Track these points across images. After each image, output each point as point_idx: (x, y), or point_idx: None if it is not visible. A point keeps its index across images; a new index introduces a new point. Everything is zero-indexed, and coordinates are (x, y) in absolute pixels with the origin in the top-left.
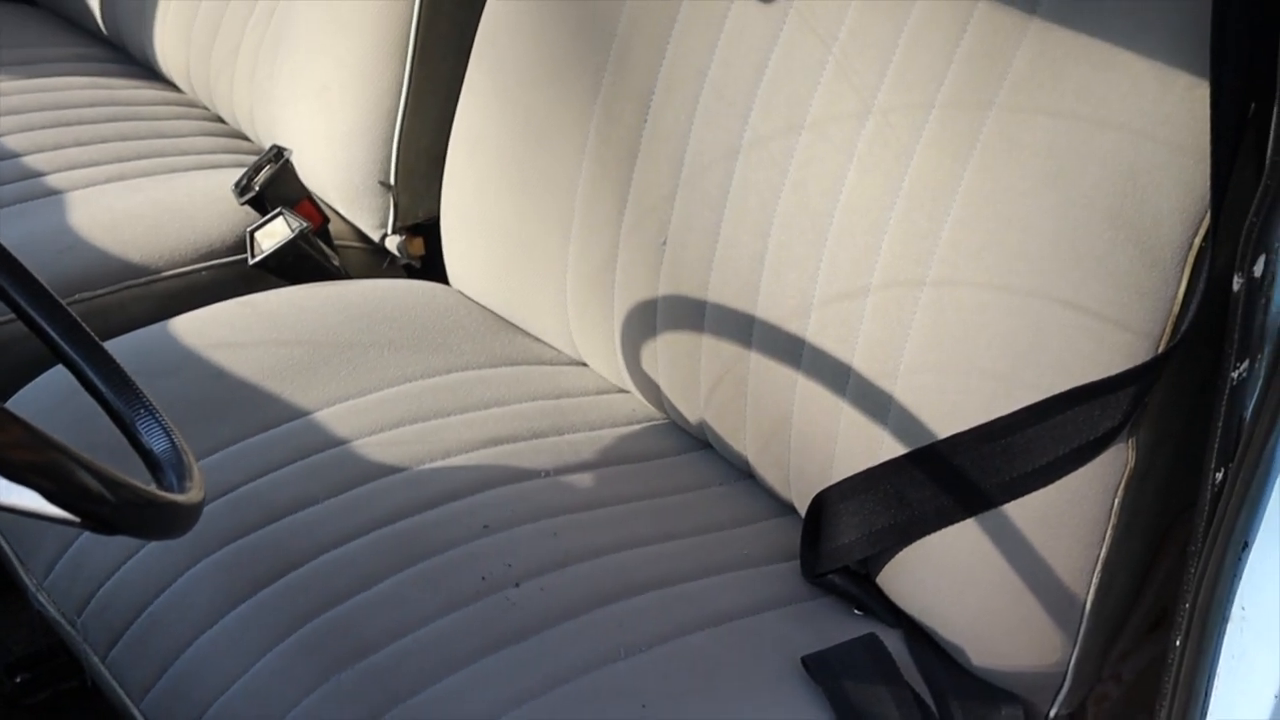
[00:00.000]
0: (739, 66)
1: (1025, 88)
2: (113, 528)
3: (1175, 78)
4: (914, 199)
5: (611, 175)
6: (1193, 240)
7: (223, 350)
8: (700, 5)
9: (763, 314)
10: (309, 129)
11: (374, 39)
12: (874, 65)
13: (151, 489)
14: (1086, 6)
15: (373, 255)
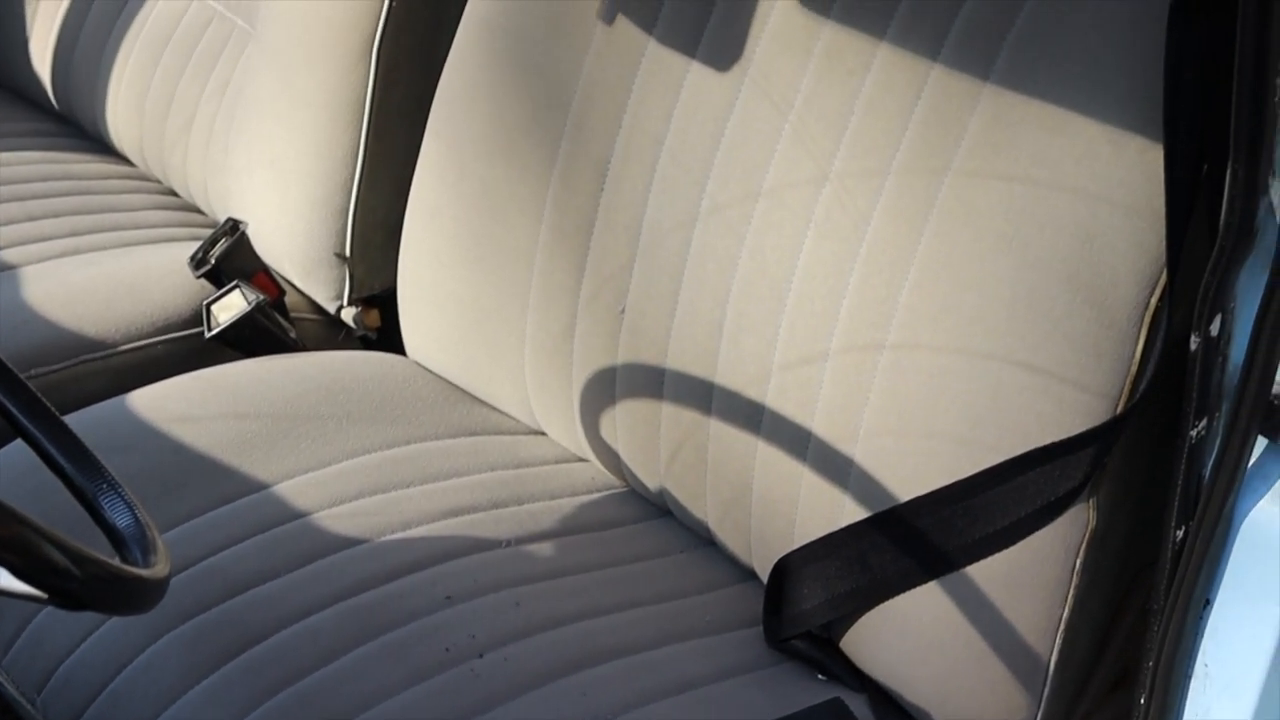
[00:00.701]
0: (696, 134)
1: (980, 153)
2: (80, 603)
3: (1128, 141)
4: (871, 264)
5: (569, 244)
6: (1149, 301)
7: (180, 424)
8: (656, 74)
9: (722, 380)
10: (264, 201)
11: (329, 111)
12: (830, 132)
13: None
14: (1039, 72)
15: (329, 327)
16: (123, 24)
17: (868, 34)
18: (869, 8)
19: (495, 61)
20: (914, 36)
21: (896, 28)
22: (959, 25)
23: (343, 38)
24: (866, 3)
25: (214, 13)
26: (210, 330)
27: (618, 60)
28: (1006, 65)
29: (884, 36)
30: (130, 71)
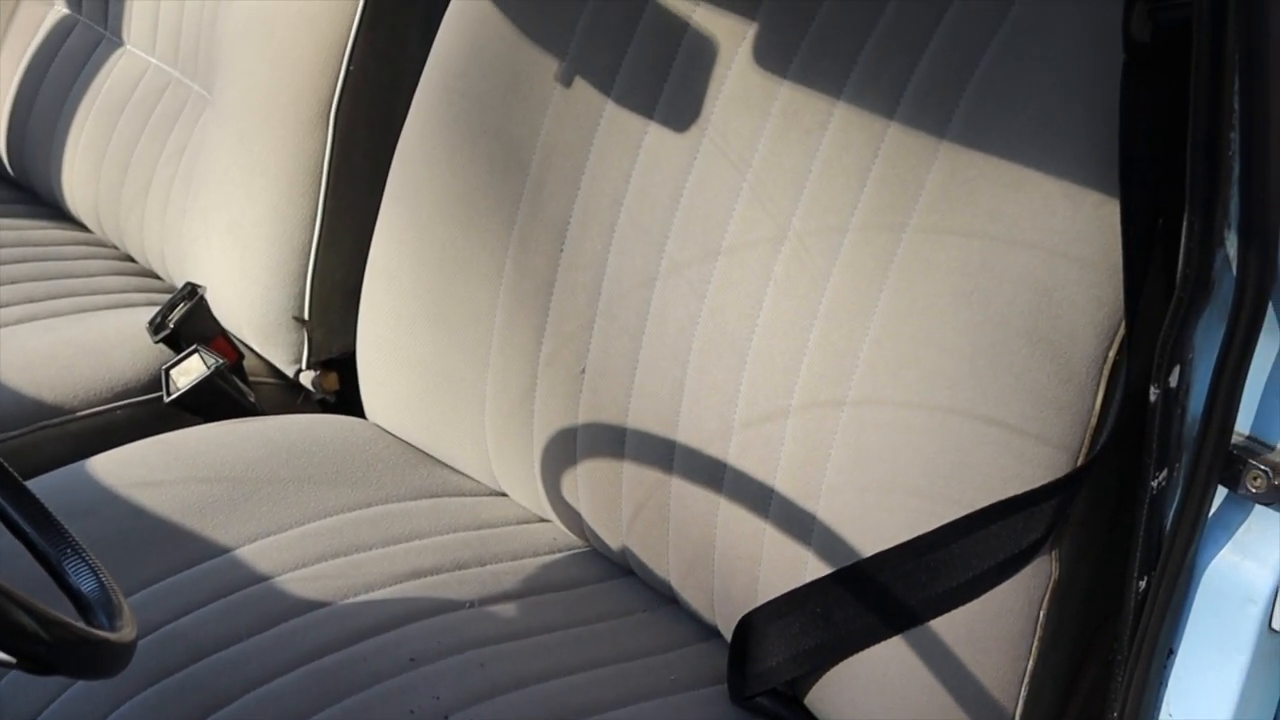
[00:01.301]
0: (654, 195)
1: (938, 209)
2: (48, 667)
3: (1085, 196)
4: (831, 321)
5: (529, 305)
6: (1108, 354)
7: (141, 489)
8: (614, 135)
9: (683, 439)
10: (222, 266)
11: (287, 175)
12: (788, 191)
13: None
14: (995, 129)
15: (287, 391)
16: (78, 90)
17: (824, 93)
18: (825, 67)
19: (453, 125)
20: (870, 95)
21: (852, 87)
22: (914, 83)
23: (300, 103)
24: (822, 62)
25: (170, 78)
26: (169, 395)
27: (576, 122)
28: (962, 122)
29: (840, 95)
30: (86, 137)
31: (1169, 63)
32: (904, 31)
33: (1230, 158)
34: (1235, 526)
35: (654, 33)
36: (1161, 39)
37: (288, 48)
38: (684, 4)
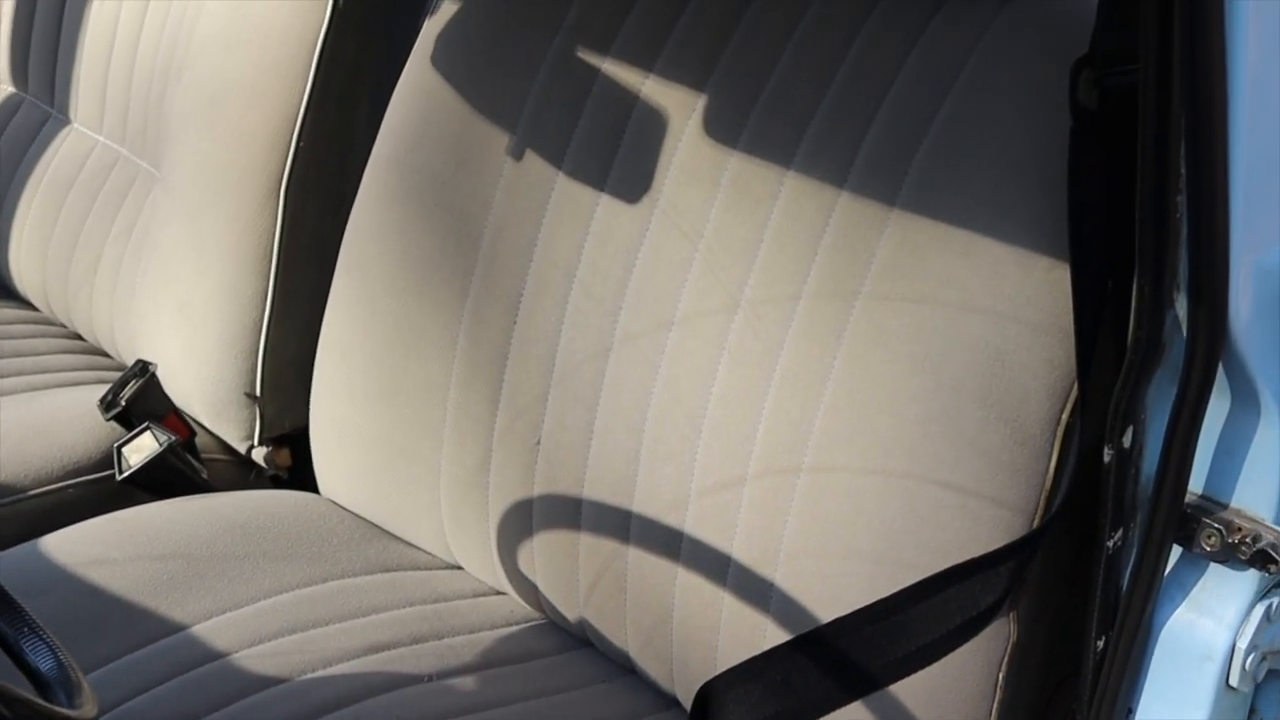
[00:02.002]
0: (607, 266)
1: (890, 276)
2: None
3: (1035, 261)
4: (786, 388)
5: (483, 378)
6: (1061, 416)
7: (96, 567)
8: (566, 207)
9: (640, 509)
10: (173, 342)
11: (237, 251)
12: (740, 260)
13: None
14: (944, 196)
15: (239, 467)
16: (25, 168)
17: (774, 163)
18: (775, 138)
19: (404, 199)
20: (820, 165)
21: (802, 157)
22: (864, 153)
23: (250, 179)
24: (772, 133)
25: (118, 156)
26: (122, 473)
27: (527, 195)
28: (912, 190)
29: (790, 165)
30: (34, 216)
31: (1115, 128)
32: (852, 101)
33: (1178, 221)
34: (1191, 585)
35: (604, 105)
36: (1108, 105)
37: (238, 124)
38: (633, 77)
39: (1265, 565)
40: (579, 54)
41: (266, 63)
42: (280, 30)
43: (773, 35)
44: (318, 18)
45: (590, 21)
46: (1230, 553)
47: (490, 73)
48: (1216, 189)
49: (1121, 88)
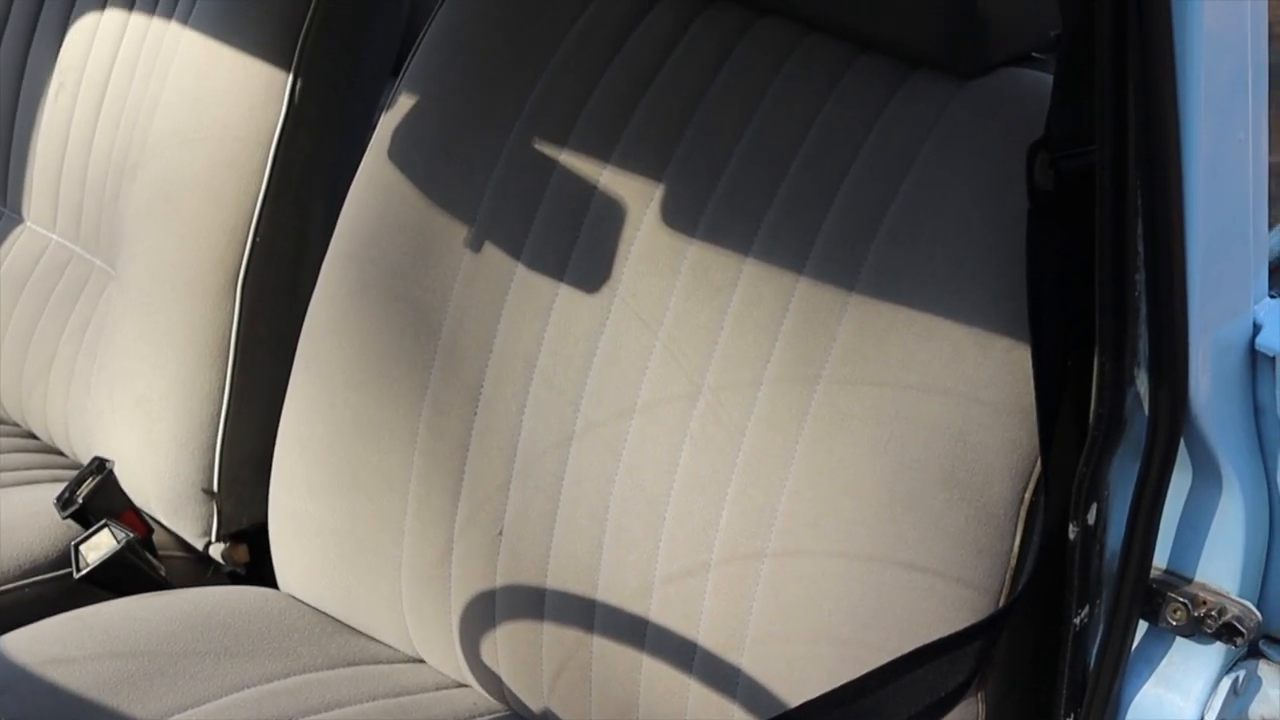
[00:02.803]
0: (567, 355)
1: (851, 360)
2: None
3: (994, 342)
4: (749, 474)
5: (443, 469)
6: (1024, 495)
7: (55, 666)
8: (525, 298)
9: (604, 597)
10: (129, 439)
11: (194, 347)
12: (701, 347)
13: None
14: (903, 279)
15: (197, 563)
16: None
17: (733, 251)
18: (733, 225)
19: (363, 293)
20: (778, 251)
21: (761, 243)
22: (822, 238)
23: (206, 275)
24: (730, 221)
25: (72, 254)
26: (79, 571)
27: (486, 286)
28: (871, 274)
29: (749, 252)
30: None
31: (1072, 208)
32: (809, 188)
33: (1137, 299)
34: (1158, 659)
35: (562, 196)
36: (1064, 186)
37: (193, 221)
38: (590, 167)
39: (1231, 638)
40: (536, 146)
41: (222, 159)
42: (236, 127)
43: (728, 124)
44: (273, 114)
45: (546, 114)
46: (1196, 626)
47: (447, 166)
48: (1174, 267)
49: (1077, 169)
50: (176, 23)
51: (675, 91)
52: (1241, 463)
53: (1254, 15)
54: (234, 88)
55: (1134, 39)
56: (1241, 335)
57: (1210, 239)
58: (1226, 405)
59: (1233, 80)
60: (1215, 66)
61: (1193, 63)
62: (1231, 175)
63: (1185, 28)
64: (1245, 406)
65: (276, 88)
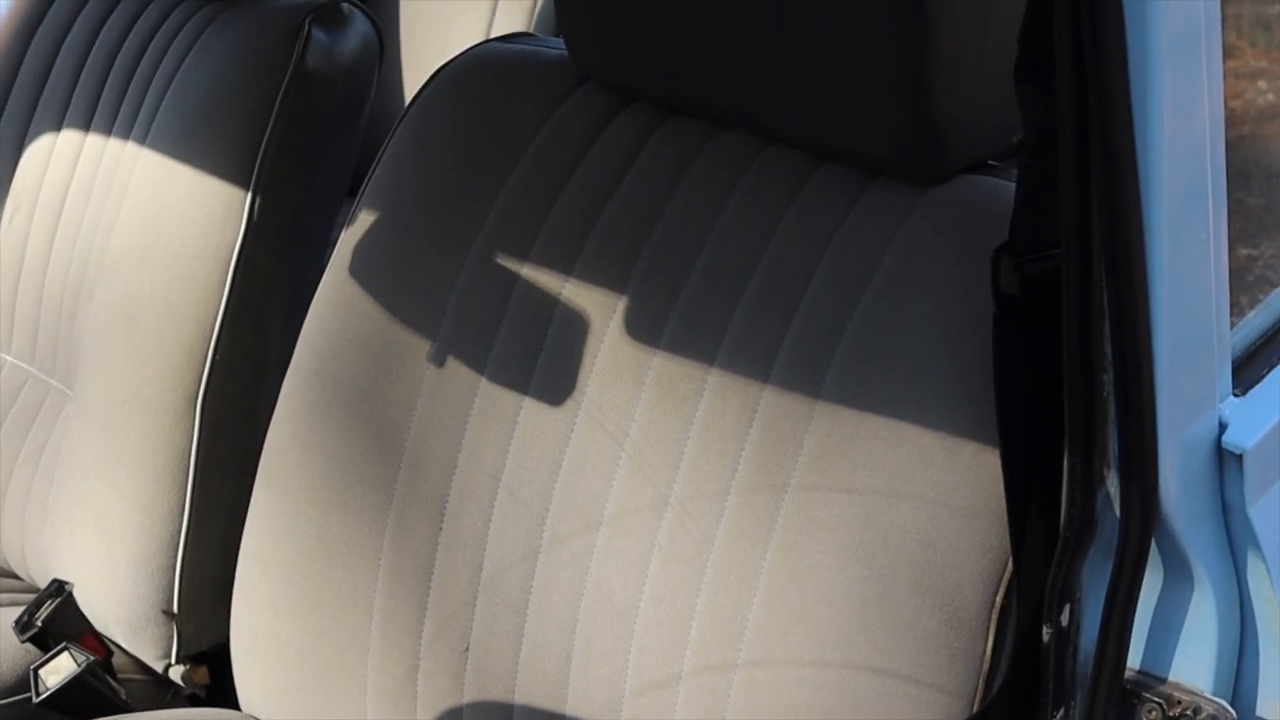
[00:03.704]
0: (533, 469)
1: (818, 467)
2: None
3: (962, 446)
4: (718, 584)
5: (409, 586)
6: (995, 599)
7: None
8: (489, 412)
9: (573, 711)
10: (88, 561)
11: (153, 467)
12: (667, 458)
13: None
14: (869, 385)
15: (157, 686)
16: None
17: (698, 361)
18: (697, 336)
19: (325, 410)
20: (743, 360)
21: (725, 353)
22: (786, 346)
23: (165, 394)
24: (694, 331)
25: (28, 375)
26: (39, 695)
27: (450, 401)
28: (836, 382)
29: (714, 362)
30: None
31: (1037, 311)
32: (772, 298)
33: (1106, 400)
34: None
35: (525, 310)
36: (1029, 289)
37: (152, 340)
38: (553, 281)
39: None
40: (497, 260)
41: (181, 277)
42: (195, 245)
43: (690, 236)
44: (232, 232)
45: (507, 229)
46: None
47: (409, 281)
48: (1143, 367)
49: (1042, 272)
50: (133, 142)
51: (636, 204)
52: (1212, 561)
53: (1213, 118)
54: (192, 206)
55: (1096, 143)
56: (1208, 434)
57: (1176, 338)
58: (1196, 504)
59: (1193, 181)
60: (1176, 168)
61: (1155, 165)
62: (1194, 274)
63: (1147, 131)
64: (1214, 505)
65: (235, 205)
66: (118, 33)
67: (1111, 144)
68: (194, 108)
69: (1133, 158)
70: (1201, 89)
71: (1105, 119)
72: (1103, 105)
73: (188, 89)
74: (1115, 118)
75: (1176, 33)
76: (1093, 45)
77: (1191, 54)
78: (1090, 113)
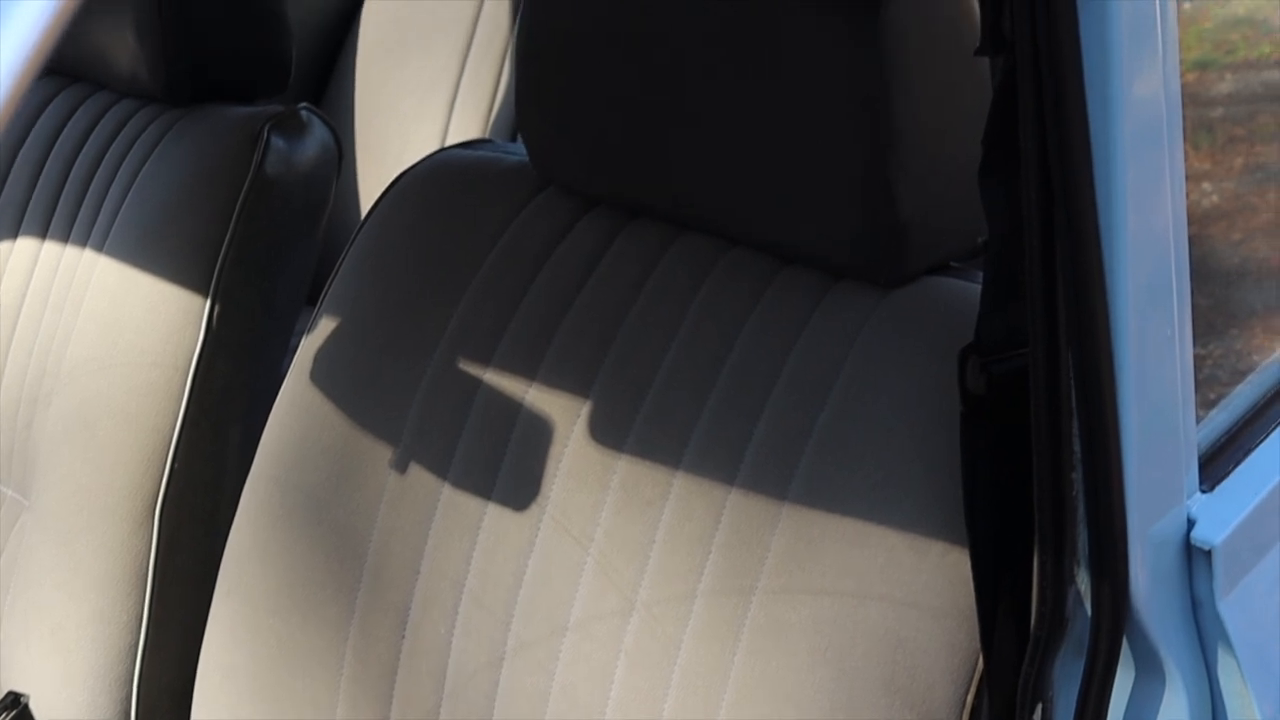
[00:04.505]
0: (497, 574)
1: (785, 570)
2: None
3: (930, 546)
4: (686, 688)
5: (371, 695)
6: (966, 699)
7: None
8: (453, 517)
9: None
10: (44, 672)
11: (111, 577)
12: (633, 563)
13: None
14: (835, 486)
15: None
16: None
17: (663, 464)
18: (662, 439)
19: (286, 517)
20: (709, 463)
21: (690, 456)
22: (752, 448)
23: (123, 503)
24: (659, 434)
25: None
26: None
27: (412, 507)
28: (803, 483)
29: (679, 466)
30: None
31: (1005, 410)
32: (737, 401)
33: (1075, 497)
34: None
35: (487, 415)
36: (996, 389)
37: (109, 448)
38: (516, 385)
39: None
40: (460, 366)
41: (139, 385)
42: (153, 353)
43: (653, 339)
44: (191, 340)
45: (469, 334)
46: None
47: (370, 388)
48: (1111, 464)
49: (1009, 372)
50: (91, 249)
51: (600, 308)
52: (1182, 656)
53: (1175, 214)
54: (150, 314)
55: (1062, 241)
56: (1177, 530)
57: (1144, 435)
58: (1166, 600)
59: (1158, 278)
60: (1141, 265)
61: (1120, 262)
62: (1161, 370)
63: (1112, 229)
64: (1184, 601)
65: (194, 313)
66: (76, 138)
67: (1078, 241)
68: (152, 214)
69: (1099, 255)
70: (1164, 185)
71: (1071, 217)
72: (1068, 203)
73: (146, 195)
74: (1081, 216)
75: (1139, 131)
76: (1058, 145)
77: (1154, 151)
78: (1056, 211)
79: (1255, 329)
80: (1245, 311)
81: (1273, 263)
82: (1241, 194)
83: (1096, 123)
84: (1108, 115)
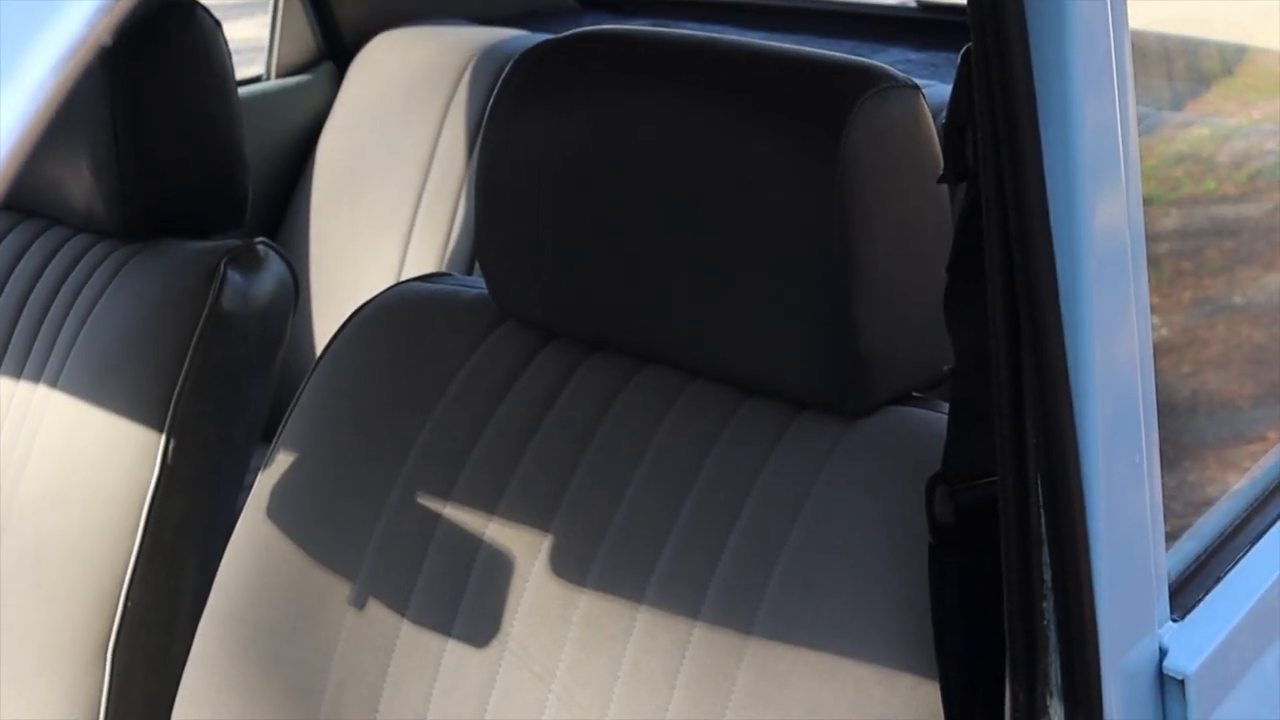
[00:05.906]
0: (457, 712)
1: (752, 705)
2: None
3: (899, 679)
4: None
5: None
6: None
7: None
8: (412, 654)
9: None
10: None
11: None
12: (596, 698)
13: None
14: (802, 620)
15: None
16: None
17: (626, 599)
18: (624, 573)
19: (242, 656)
20: (673, 597)
21: (654, 590)
22: (716, 582)
23: (75, 642)
24: (622, 569)
25: None
26: None
27: (370, 645)
28: (768, 618)
29: (642, 601)
30: None
31: (974, 539)
32: (701, 533)
33: (1046, 627)
34: None
35: (447, 549)
36: (964, 518)
37: (61, 585)
38: (476, 519)
39: None
40: (419, 500)
41: (93, 521)
42: (108, 488)
43: (616, 471)
44: (146, 475)
45: (429, 468)
46: None
47: (329, 523)
48: (1084, 593)
49: (977, 500)
50: (45, 384)
51: (560, 441)
52: None
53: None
54: (105, 450)
55: (1030, 368)
56: (1150, 660)
57: (1115, 563)
58: None
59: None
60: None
61: (1089, 391)
62: (1130, 498)
63: (1079, 358)
64: None
65: (149, 448)
66: (30, 273)
67: (1046, 371)
68: (108, 349)
69: (1067, 385)
70: (1130, 314)
71: (1038, 347)
72: (1035, 334)
73: (102, 330)
74: (1048, 346)
75: (1104, 261)
76: (1024, 276)
77: (1119, 280)
78: (1023, 341)
79: (1208, 460)
80: (1197, 443)
81: (1223, 395)
82: (1190, 327)
83: (1062, 254)
84: (1074, 246)
